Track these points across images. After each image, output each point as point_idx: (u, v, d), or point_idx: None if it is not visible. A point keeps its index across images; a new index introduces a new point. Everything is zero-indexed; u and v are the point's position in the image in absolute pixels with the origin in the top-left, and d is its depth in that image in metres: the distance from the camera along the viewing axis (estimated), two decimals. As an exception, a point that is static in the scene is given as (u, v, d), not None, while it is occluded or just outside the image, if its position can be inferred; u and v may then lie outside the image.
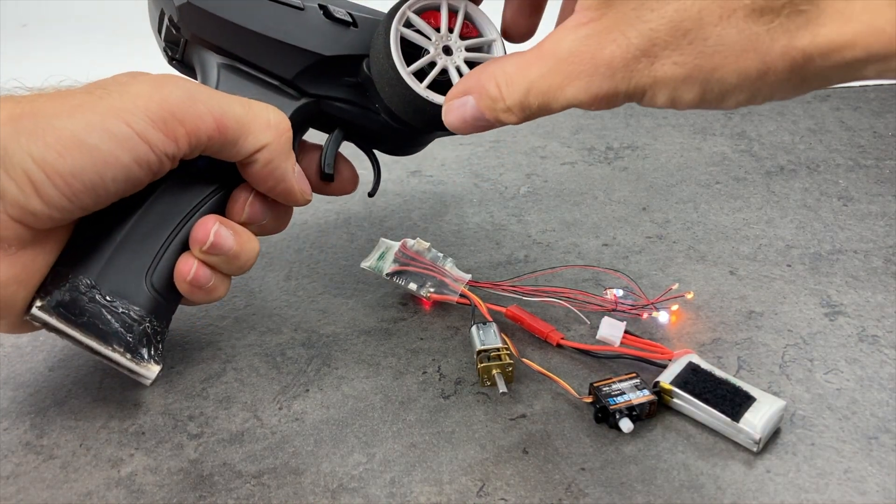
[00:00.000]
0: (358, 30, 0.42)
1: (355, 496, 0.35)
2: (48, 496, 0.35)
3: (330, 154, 0.44)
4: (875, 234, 0.53)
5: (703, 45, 0.27)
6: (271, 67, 0.41)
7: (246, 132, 0.37)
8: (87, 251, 0.36)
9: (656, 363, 0.40)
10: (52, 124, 0.32)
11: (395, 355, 0.43)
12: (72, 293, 0.35)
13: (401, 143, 0.46)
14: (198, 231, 0.38)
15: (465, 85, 0.35)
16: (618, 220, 0.56)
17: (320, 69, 0.42)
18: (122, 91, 0.34)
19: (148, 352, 0.37)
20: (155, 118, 0.34)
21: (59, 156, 0.32)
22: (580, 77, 0.30)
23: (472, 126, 0.36)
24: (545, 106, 0.32)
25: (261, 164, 0.38)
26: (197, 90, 0.36)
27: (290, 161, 0.39)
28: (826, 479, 0.35)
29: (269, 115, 0.38)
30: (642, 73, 0.28)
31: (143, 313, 0.37)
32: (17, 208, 0.32)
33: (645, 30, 0.28)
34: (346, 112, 0.43)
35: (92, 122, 0.33)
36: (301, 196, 0.41)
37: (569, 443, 0.37)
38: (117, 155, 0.33)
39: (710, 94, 0.28)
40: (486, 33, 0.42)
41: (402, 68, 0.38)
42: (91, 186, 0.33)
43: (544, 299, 0.45)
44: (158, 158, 0.35)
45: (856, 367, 0.41)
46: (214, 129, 0.36)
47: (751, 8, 0.26)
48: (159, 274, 0.38)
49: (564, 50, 0.30)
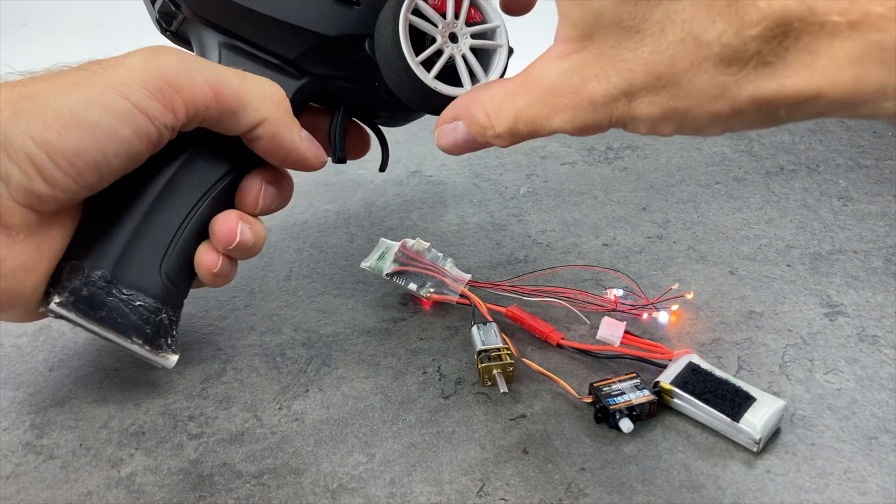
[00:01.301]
0: (360, 8, 0.41)
1: (355, 496, 0.35)
2: (48, 496, 0.35)
3: (340, 138, 0.44)
4: (875, 234, 0.53)
5: (675, 89, 0.28)
6: (274, 48, 0.41)
7: (244, 103, 0.37)
8: (101, 243, 0.37)
9: (656, 363, 0.40)
10: (51, 104, 0.32)
11: (395, 355, 0.43)
12: (89, 288, 0.36)
13: (395, 118, 0.47)
14: (223, 230, 0.39)
15: (455, 111, 0.37)
16: (618, 220, 0.56)
17: (323, 49, 0.41)
18: (116, 65, 0.34)
19: (165, 341, 0.38)
20: (151, 88, 0.34)
21: (60, 135, 0.32)
22: (565, 110, 0.31)
23: (463, 148, 0.37)
24: (534, 133, 0.33)
25: (266, 138, 0.38)
26: (192, 59, 0.36)
27: (294, 129, 0.39)
28: (826, 479, 0.35)
29: (265, 86, 0.38)
30: (622, 110, 0.30)
31: (158, 305, 0.38)
32: (21, 192, 0.32)
33: (624, 70, 0.29)
34: (346, 90, 0.43)
35: (89, 99, 0.33)
36: (316, 160, 0.41)
37: (569, 443, 0.37)
38: (117, 129, 0.33)
39: (686, 129, 0.29)
40: (491, 19, 0.41)
41: (412, 59, 0.38)
42: (94, 164, 0.33)
43: (544, 299, 0.45)
44: (158, 130, 0.35)
45: (856, 367, 0.41)
46: (212, 98, 0.36)
47: (720, 57, 0.26)
48: (172, 263, 0.38)
49: (548, 82, 0.31)
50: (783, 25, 0.25)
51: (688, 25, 0.27)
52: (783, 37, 0.25)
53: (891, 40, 0.23)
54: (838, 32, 0.24)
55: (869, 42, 0.24)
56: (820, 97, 0.25)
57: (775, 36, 0.25)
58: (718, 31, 0.26)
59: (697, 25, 0.27)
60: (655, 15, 0.28)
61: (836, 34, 0.24)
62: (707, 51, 0.27)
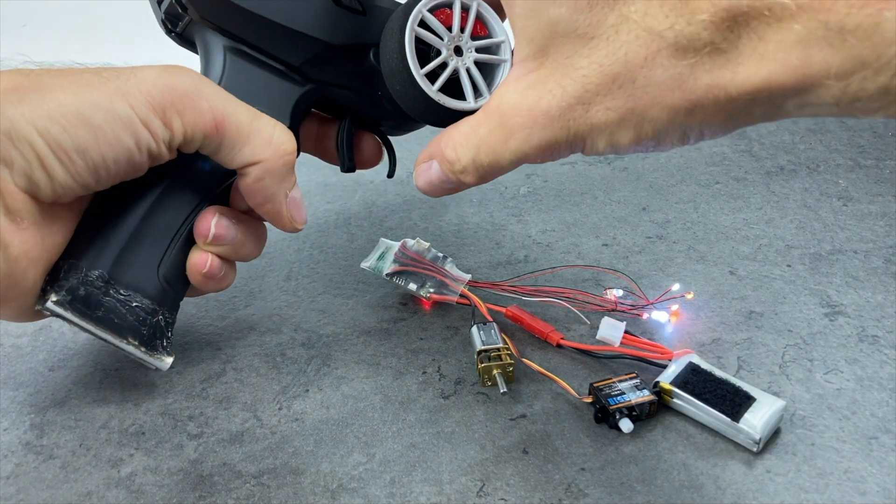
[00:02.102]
0: (366, 17, 0.41)
1: (355, 496, 0.35)
2: (48, 496, 0.35)
3: (348, 148, 0.44)
4: (875, 234, 0.53)
5: (632, 88, 0.28)
6: (280, 53, 0.41)
7: (244, 141, 0.36)
8: (100, 243, 0.37)
9: (656, 363, 0.40)
10: (58, 99, 0.32)
11: (395, 355, 0.43)
12: (86, 287, 0.36)
13: (397, 127, 0.47)
14: (200, 224, 0.39)
15: (430, 150, 0.37)
16: (618, 220, 0.56)
17: (328, 57, 0.41)
18: (129, 75, 0.34)
19: (161, 343, 0.38)
20: (154, 104, 0.34)
21: (64, 130, 0.32)
22: (521, 129, 0.31)
23: (439, 189, 0.37)
24: (496, 163, 0.33)
25: (251, 178, 0.37)
26: (205, 87, 0.36)
27: (284, 184, 0.38)
28: (826, 479, 0.35)
29: (275, 131, 0.38)
30: (579, 121, 0.30)
31: (155, 306, 0.38)
32: (23, 178, 0.32)
33: (578, 77, 0.29)
34: (348, 98, 0.43)
35: (97, 102, 0.33)
36: (289, 223, 0.40)
37: (569, 443, 0.37)
38: (120, 137, 0.33)
39: (644, 135, 0.29)
40: (496, 34, 0.41)
41: (417, 71, 0.38)
42: (93, 165, 0.33)
43: (544, 299, 0.45)
44: (158, 146, 0.35)
45: (856, 367, 0.41)
46: (212, 128, 0.35)
47: (674, 47, 0.27)
48: (170, 266, 0.38)
49: (507, 105, 0.32)
50: (732, 11, 0.26)
51: (641, 21, 0.27)
52: (733, 23, 0.26)
53: (835, 20, 0.24)
54: (787, 16, 0.25)
55: (815, 23, 0.24)
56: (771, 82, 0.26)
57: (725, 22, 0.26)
58: (671, 22, 0.27)
59: (651, 20, 0.27)
60: (609, 19, 0.28)
61: (784, 18, 0.25)
62: (661, 42, 0.27)
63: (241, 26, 0.40)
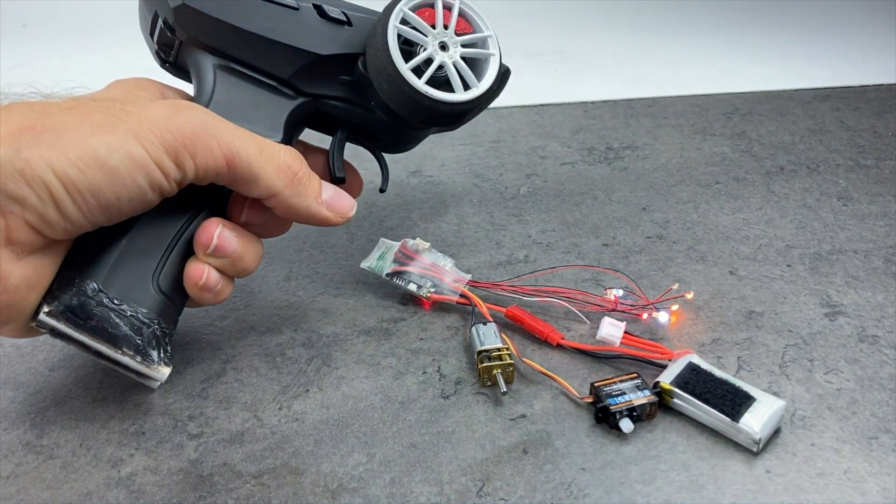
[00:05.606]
0: (353, 28, 0.42)
1: (355, 496, 0.35)
2: (48, 496, 0.35)
3: (338, 158, 0.44)
4: (875, 234, 0.53)
5: None
6: (268, 67, 0.41)
7: (256, 177, 0.37)
8: (93, 255, 0.36)
9: (656, 363, 0.40)
10: (75, 140, 0.33)
11: (395, 355, 0.43)
12: (79, 297, 0.35)
13: (395, 140, 0.47)
14: (202, 234, 0.38)
15: None
16: (618, 220, 0.56)
17: (316, 68, 0.42)
18: (140, 114, 0.35)
19: (157, 354, 0.37)
20: (167, 146, 0.34)
21: (80, 172, 0.32)
22: None
23: None
24: None
25: (280, 209, 0.40)
26: (215, 124, 0.36)
27: (309, 197, 0.40)
28: (826, 479, 0.35)
29: (281, 156, 0.38)
30: None
31: (151, 315, 0.37)
32: (35, 216, 0.33)
33: None
34: (342, 110, 0.44)
35: (112, 144, 0.33)
36: (337, 218, 0.42)
37: (569, 443, 0.37)
38: (135, 178, 0.34)
39: None
40: (481, 29, 0.42)
41: (401, 64, 0.39)
42: (106, 205, 0.34)
43: (544, 299, 0.45)
44: (170, 184, 0.35)
45: (856, 367, 0.41)
46: (224, 167, 0.36)
47: None
48: (166, 276, 0.38)
49: None
50: None
51: None
52: None
53: None
54: None
55: None
56: None
57: None
58: None
59: None
60: None
61: None
62: None
63: (227, 42, 0.40)
